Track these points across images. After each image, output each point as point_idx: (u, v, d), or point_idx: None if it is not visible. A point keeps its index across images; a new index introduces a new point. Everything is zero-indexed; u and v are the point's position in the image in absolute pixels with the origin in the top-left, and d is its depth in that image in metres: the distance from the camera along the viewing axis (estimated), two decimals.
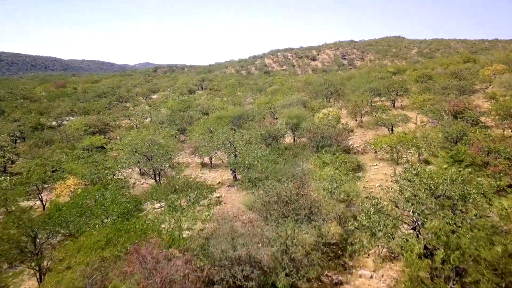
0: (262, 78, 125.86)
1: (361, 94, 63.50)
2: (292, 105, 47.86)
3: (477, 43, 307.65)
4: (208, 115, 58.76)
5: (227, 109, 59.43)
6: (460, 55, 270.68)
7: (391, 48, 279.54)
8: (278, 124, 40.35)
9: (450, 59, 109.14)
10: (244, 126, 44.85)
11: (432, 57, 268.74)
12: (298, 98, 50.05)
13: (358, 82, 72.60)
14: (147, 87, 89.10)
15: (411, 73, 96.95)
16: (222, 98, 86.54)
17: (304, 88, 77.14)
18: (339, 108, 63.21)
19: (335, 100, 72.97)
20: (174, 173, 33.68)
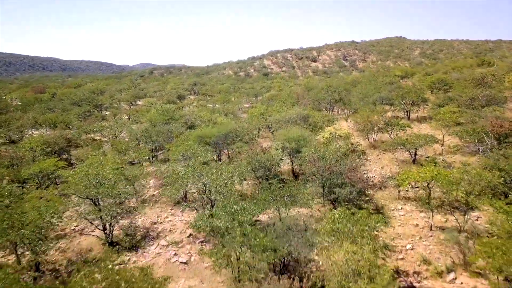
0: (259, 82, 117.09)
1: (371, 105, 54.85)
2: (291, 121, 39.11)
3: (480, 43, 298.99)
4: (194, 128, 50.13)
5: (214, 122, 50.76)
6: (472, 57, 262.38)
7: (393, 49, 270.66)
8: (273, 147, 31.58)
9: (463, 62, 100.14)
10: (231, 147, 36.08)
11: (435, 58, 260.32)
12: (298, 112, 41.20)
13: (366, 89, 63.80)
14: (132, 92, 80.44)
15: (422, 78, 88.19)
16: (214, 105, 77.83)
17: (304, 95, 68.38)
18: (345, 118, 54.60)
19: (340, 109, 64.27)
20: (129, 222, 24.93)
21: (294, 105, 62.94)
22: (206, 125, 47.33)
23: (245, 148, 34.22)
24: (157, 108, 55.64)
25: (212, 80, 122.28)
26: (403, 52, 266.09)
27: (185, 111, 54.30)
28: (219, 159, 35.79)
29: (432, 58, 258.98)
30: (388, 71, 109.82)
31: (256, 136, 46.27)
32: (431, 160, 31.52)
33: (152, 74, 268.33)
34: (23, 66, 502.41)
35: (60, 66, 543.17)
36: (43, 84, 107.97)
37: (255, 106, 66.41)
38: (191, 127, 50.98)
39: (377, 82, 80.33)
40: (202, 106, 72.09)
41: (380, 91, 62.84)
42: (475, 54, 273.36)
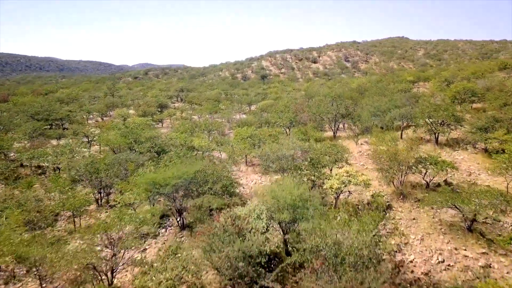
0: (255, 87, 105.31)
1: (387, 122, 43.20)
2: (286, 158, 27.34)
3: (485, 44, 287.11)
4: (164, 153, 38.61)
5: (189, 147, 39.25)
6: (496, 60, 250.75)
7: (396, 50, 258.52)
8: (253, 211, 19.91)
9: (484, 66, 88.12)
10: (198, 201, 24.39)
11: (440, 59, 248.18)
12: (295, 146, 29.23)
13: (379, 102, 52.11)
14: (106, 101, 68.82)
15: (438, 84, 76.49)
16: (200, 116, 66.26)
17: (303, 107, 56.71)
18: (355, 139, 42.97)
19: (346, 124, 52.63)
20: None
21: (292, 121, 51.37)
22: (177, 154, 35.78)
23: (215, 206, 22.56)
24: (119, 127, 44.05)
25: (202, 85, 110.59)
26: (406, 52, 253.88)
27: (156, 132, 42.53)
28: (181, 226, 24.15)
29: (437, 59, 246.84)
30: (397, 75, 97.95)
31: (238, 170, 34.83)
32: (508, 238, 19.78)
33: (147, 75, 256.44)
34: (20, 66, 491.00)
35: (57, 66, 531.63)
36: (9, 91, 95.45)
37: (246, 120, 54.86)
38: (159, 153, 39.47)
39: (388, 89, 68.63)
40: (183, 119, 60.40)
41: (395, 102, 51.18)
42: (481, 55, 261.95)
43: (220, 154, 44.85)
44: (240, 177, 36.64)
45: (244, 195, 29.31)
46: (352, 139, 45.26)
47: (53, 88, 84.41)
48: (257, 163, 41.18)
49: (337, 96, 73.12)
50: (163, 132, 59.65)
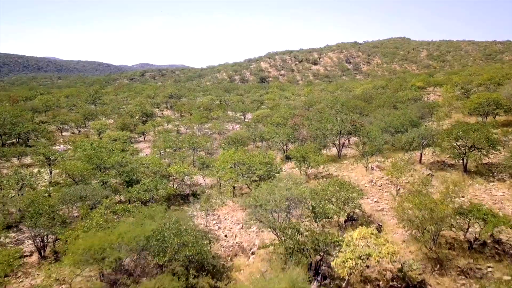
0: (251, 92, 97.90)
1: (404, 144, 35.83)
2: (280, 211, 19.96)
3: (488, 45, 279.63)
4: (135, 183, 31.42)
5: (163, 175, 32.04)
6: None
7: (398, 51, 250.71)
8: None
9: (499, 70, 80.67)
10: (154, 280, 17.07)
11: (444, 61, 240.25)
12: (292, 191, 21.67)
13: (390, 116, 44.77)
14: (83, 111, 61.22)
15: (449, 90, 69.13)
16: (187, 128, 58.96)
17: (303, 120, 49.42)
18: (364, 163, 35.60)
19: (353, 141, 45.36)
20: None
21: (290, 137, 44.03)
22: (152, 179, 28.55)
23: None
24: (84, 148, 36.76)
25: (196, 90, 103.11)
26: (409, 54, 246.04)
27: (125, 156, 35.09)
28: None
29: (440, 60, 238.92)
30: (404, 79, 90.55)
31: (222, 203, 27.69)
32: None
33: (143, 76, 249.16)
34: (18, 67, 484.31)
35: (56, 66, 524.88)
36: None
37: (237, 135, 47.53)
38: (131, 183, 32.24)
39: (397, 98, 61.26)
40: (167, 132, 53.06)
41: (409, 116, 43.84)
42: (485, 56, 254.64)
43: (203, 179, 37.62)
44: (224, 216, 29.38)
45: (224, 255, 22.02)
46: (360, 160, 37.96)
47: (32, 94, 77.11)
48: (246, 190, 33.95)
49: (341, 105, 65.97)
50: (144, 148, 52.46)
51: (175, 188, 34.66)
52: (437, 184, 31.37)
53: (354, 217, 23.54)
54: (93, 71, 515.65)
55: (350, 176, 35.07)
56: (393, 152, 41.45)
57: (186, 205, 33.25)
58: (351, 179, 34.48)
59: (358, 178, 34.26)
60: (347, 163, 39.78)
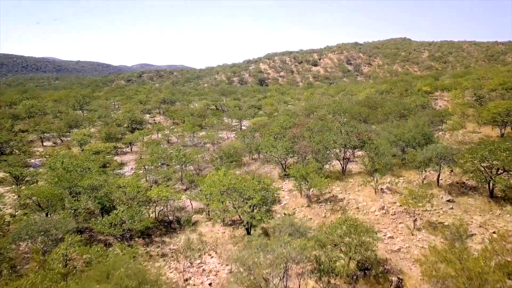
0: (249, 96, 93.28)
1: (418, 163, 31.29)
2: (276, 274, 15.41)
3: (490, 45, 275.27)
4: (109, 210, 26.97)
5: (141, 200, 27.61)
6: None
7: (399, 52, 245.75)
8: None
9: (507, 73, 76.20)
10: None
11: (446, 62, 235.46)
12: (290, 249, 17.08)
13: (400, 128, 40.20)
14: (68, 118, 56.51)
15: (459, 95, 64.68)
16: (178, 138, 54.49)
17: (303, 131, 44.87)
18: (373, 184, 31.04)
19: (358, 157, 40.81)
20: None
21: (289, 151, 39.47)
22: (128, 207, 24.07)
23: None
24: (56, 167, 32.25)
25: (191, 93, 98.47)
26: (410, 55, 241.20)
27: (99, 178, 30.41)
28: None
29: (442, 61, 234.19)
30: (409, 83, 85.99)
31: None
32: None
33: (141, 77, 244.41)
34: (16, 67, 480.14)
35: (54, 67, 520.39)
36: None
37: (231, 148, 42.99)
38: (107, 210, 27.80)
39: (404, 105, 56.67)
40: (155, 143, 48.52)
41: (422, 128, 39.28)
42: (487, 57, 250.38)
43: (190, 202, 33.10)
44: (210, 251, 24.82)
45: None
46: (367, 179, 33.47)
47: (16, 99, 72.53)
48: (238, 220, 29.44)
49: (344, 111, 61.42)
50: (129, 160, 47.90)
51: (157, 214, 30.16)
52: (460, 212, 26.92)
53: (367, 266, 19.03)
54: (92, 72, 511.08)
55: (358, 201, 30.55)
56: (404, 168, 37.01)
57: (169, 235, 28.76)
58: (358, 204, 29.99)
59: (367, 204, 29.74)
60: (353, 182, 35.23)
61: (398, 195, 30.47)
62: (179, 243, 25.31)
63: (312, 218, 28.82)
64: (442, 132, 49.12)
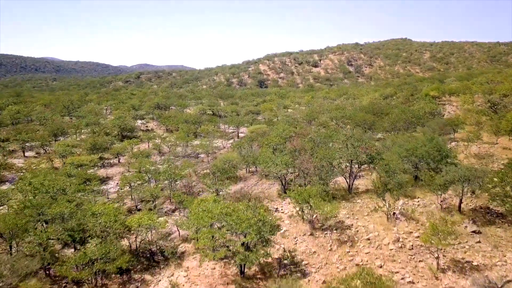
0: (248, 99, 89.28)
1: (437, 185, 27.33)
2: None
3: (492, 46, 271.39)
4: (82, 241, 23.04)
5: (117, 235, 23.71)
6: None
7: (401, 52, 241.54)
8: None
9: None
10: None
11: (447, 63, 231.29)
12: None
13: (412, 142, 36.16)
14: (53, 125, 52.51)
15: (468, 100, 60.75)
16: (170, 148, 50.63)
17: (305, 144, 40.93)
18: (385, 210, 27.16)
19: (365, 170, 36.86)
20: None
21: (289, 167, 35.54)
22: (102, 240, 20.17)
23: None
24: (23, 188, 28.32)
25: (188, 97, 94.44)
26: (411, 55, 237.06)
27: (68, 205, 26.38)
28: None
29: (444, 62, 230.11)
30: (414, 86, 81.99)
31: None
32: None
33: (139, 79, 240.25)
34: (15, 67, 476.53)
35: (53, 67, 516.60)
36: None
37: (225, 162, 39.09)
38: (77, 240, 23.88)
39: (412, 112, 52.68)
40: (144, 154, 44.58)
41: (436, 142, 35.32)
42: (489, 58, 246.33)
43: (177, 228, 29.14)
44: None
45: None
46: (377, 203, 29.57)
47: (2, 104, 68.48)
48: None
49: (347, 118, 57.47)
50: (116, 174, 43.91)
51: (138, 245, 26.21)
52: (489, 248, 23.01)
53: None
54: (92, 72, 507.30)
55: (368, 229, 26.60)
56: (417, 185, 33.12)
57: (151, 271, 24.82)
58: (369, 234, 26.05)
59: (379, 233, 25.80)
60: (361, 203, 31.32)
61: (414, 223, 26.56)
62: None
63: (316, 252, 24.90)
64: (455, 142, 45.22)
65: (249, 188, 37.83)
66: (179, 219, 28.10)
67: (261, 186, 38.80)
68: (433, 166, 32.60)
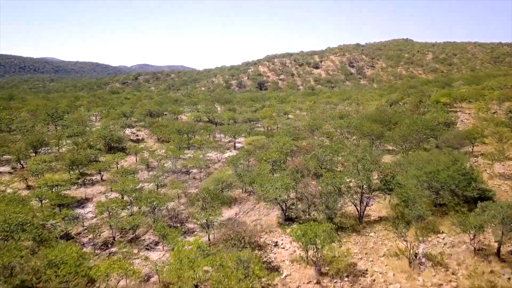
0: (246, 104, 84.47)
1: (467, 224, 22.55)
2: None
3: (495, 47, 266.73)
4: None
5: None
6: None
7: (402, 53, 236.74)
8: None
9: None
10: None
11: (450, 64, 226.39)
12: None
13: (434, 164, 31.26)
14: (32, 136, 47.74)
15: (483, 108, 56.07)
16: (159, 162, 45.94)
17: (308, 158, 36.20)
18: (404, 252, 22.48)
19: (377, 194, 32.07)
20: None
21: (289, 189, 30.76)
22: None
23: None
24: None
25: (184, 101, 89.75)
26: (414, 56, 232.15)
27: None
28: None
29: (447, 63, 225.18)
30: (421, 91, 77.20)
31: None
32: None
33: (137, 80, 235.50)
34: (13, 68, 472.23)
35: (52, 67, 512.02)
36: None
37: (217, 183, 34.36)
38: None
39: (426, 122, 47.73)
40: (130, 172, 39.84)
41: (461, 164, 30.52)
42: (493, 59, 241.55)
43: (157, 273, 24.35)
44: None
45: None
46: (394, 238, 24.83)
47: None
48: None
49: (353, 128, 52.65)
50: (96, 195, 39.09)
51: None
52: None
53: None
54: (91, 72, 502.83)
55: (387, 278, 21.81)
56: (439, 214, 28.43)
57: None
58: (388, 286, 21.30)
59: (401, 285, 21.05)
60: (375, 237, 26.58)
61: (442, 270, 21.78)
62: None
63: None
64: (475, 159, 40.45)
65: (244, 215, 33.10)
66: (159, 263, 23.28)
67: (259, 210, 34.01)
68: (459, 193, 27.89)
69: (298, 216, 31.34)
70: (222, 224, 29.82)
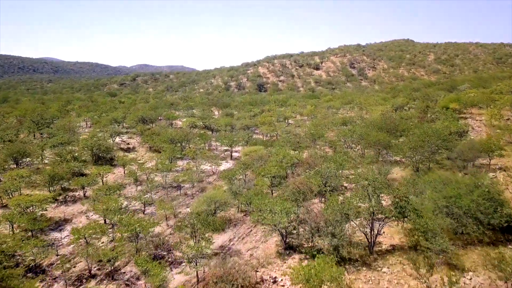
0: (244, 109, 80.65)
1: None
2: None
3: (497, 47, 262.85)
4: None
5: None
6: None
7: (404, 54, 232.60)
8: None
9: None
10: None
11: (453, 65, 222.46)
12: None
13: (453, 187, 27.50)
14: (14, 146, 44.00)
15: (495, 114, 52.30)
16: (148, 176, 42.25)
17: (310, 178, 32.45)
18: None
19: None
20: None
21: (290, 214, 27.05)
22: None
23: None
24: None
25: (180, 105, 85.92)
26: (415, 57, 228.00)
27: None
28: None
29: (449, 64, 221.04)
30: (429, 96, 73.38)
31: None
32: None
33: (135, 81, 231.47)
34: (12, 68, 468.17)
35: (52, 68, 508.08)
36: None
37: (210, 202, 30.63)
38: None
39: (437, 132, 43.84)
40: (115, 188, 36.13)
41: (481, 183, 26.83)
42: (495, 60, 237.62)
43: None
44: None
45: None
46: (410, 269, 21.14)
47: None
48: None
49: (358, 137, 48.89)
50: (77, 214, 35.32)
51: None
52: None
53: None
54: (91, 73, 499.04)
55: None
56: (461, 244, 24.78)
57: None
58: None
59: None
60: (389, 273, 22.91)
61: None
62: None
63: None
64: (493, 174, 36.70)
65: (240, 241, 29.36)
66: None
67: (255, 236, 30.29)
68: (484, 221, 24.18)
69: (300, 244, 27.63)
70: (213, 255, 26.14)
